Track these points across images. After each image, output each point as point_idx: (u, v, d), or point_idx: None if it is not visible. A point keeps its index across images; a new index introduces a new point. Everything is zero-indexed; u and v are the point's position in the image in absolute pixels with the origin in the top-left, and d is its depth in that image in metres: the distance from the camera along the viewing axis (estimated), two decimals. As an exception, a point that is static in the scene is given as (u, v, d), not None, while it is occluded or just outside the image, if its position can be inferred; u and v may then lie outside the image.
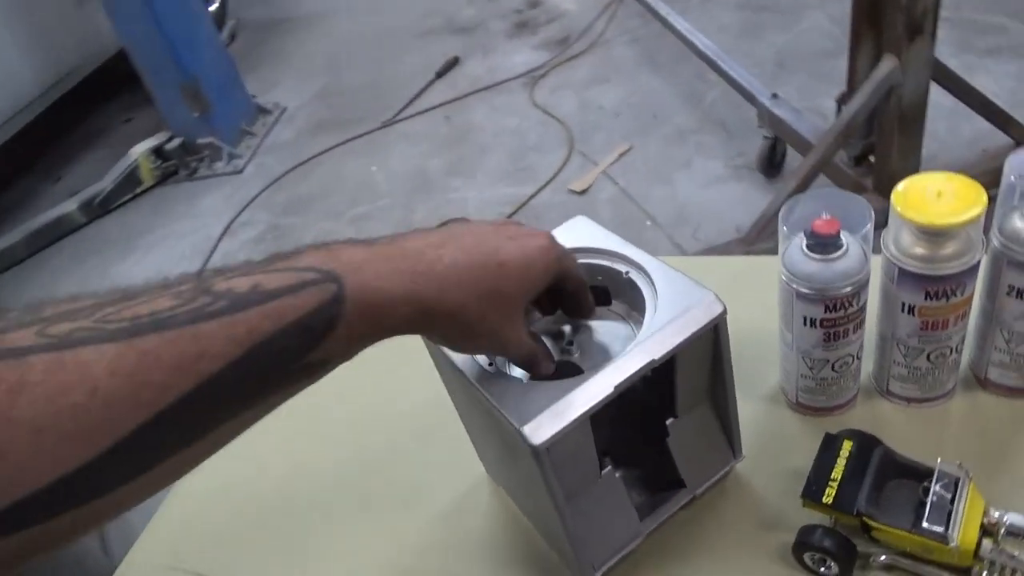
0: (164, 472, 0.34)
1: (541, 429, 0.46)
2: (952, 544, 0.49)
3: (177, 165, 3.02)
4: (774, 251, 0.61)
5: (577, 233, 0.59)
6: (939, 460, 0.53)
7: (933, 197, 0.54)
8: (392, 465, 0.75)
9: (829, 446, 0.57)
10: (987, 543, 0.49)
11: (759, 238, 1.86)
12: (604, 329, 0.56)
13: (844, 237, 0.56)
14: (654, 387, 0.63)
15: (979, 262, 0.55)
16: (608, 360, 0.50)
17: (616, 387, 0.48)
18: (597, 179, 2.46)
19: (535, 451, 0.46)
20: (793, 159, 2.24)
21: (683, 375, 0.54)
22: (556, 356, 0.53)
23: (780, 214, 0.58)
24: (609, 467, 0.55)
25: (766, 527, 0.60)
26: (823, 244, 0.56)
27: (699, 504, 0.62)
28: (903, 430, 0.63)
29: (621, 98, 2.81)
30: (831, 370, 0.61)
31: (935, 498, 0.51)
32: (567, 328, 0.55)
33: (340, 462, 0.77)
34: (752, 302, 0.70)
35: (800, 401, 0.65)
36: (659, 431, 0.57)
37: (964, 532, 0.49)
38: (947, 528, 0.50)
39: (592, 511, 0.56)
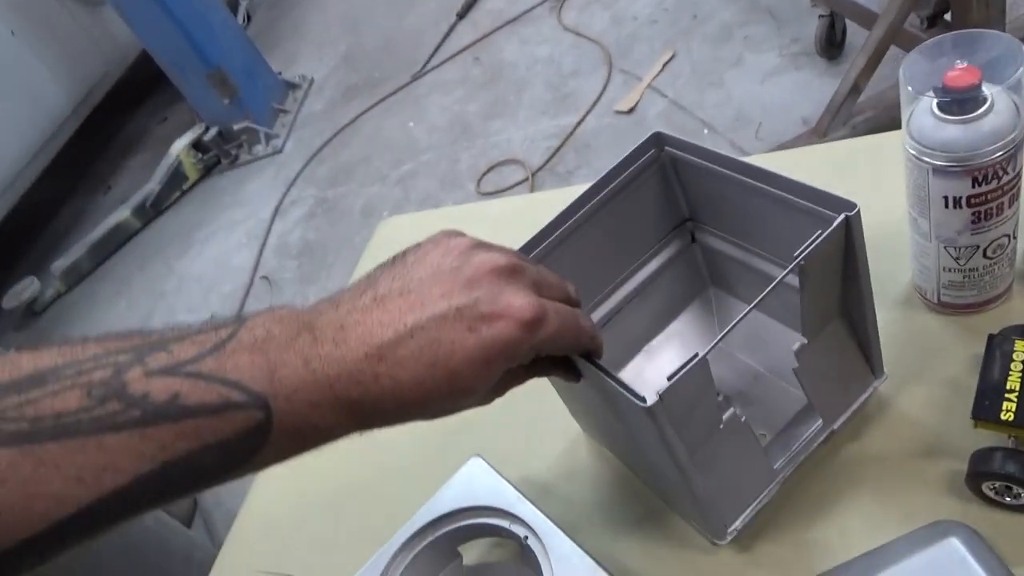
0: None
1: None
2: None
3: (218, 155, 3.00)
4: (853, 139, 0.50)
5: (471, 484, 0.55)
6: None
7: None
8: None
9: (996, 350, 0.47)
10: None
11: (832, 126, 1.70)
12: None
13: (987, 88, 0.45)
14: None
15: None
16: None
17: None
18: (644, 95, 2.31)
19: (649, 411, 0.38)
20: (855, 35, 2.04)
21: (811, 293, 0.44)
22: None
23: (901, 71, 0.46)
24: (732, 410, 0.46)
25: (924, 456, 0.50)
26: (961, 101, 0.44)
27: (840, 438, 0.53)
28: (1079, 315, 0.52)
29: (655, 3, 2.62)
30: (983, 257, 0.50)
31: None
32: None
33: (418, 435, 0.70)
34: (864, 190, 0.59)
35: (943, 300, 0.55)
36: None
37: None
38: None
39: (717, 463, 0.47)
